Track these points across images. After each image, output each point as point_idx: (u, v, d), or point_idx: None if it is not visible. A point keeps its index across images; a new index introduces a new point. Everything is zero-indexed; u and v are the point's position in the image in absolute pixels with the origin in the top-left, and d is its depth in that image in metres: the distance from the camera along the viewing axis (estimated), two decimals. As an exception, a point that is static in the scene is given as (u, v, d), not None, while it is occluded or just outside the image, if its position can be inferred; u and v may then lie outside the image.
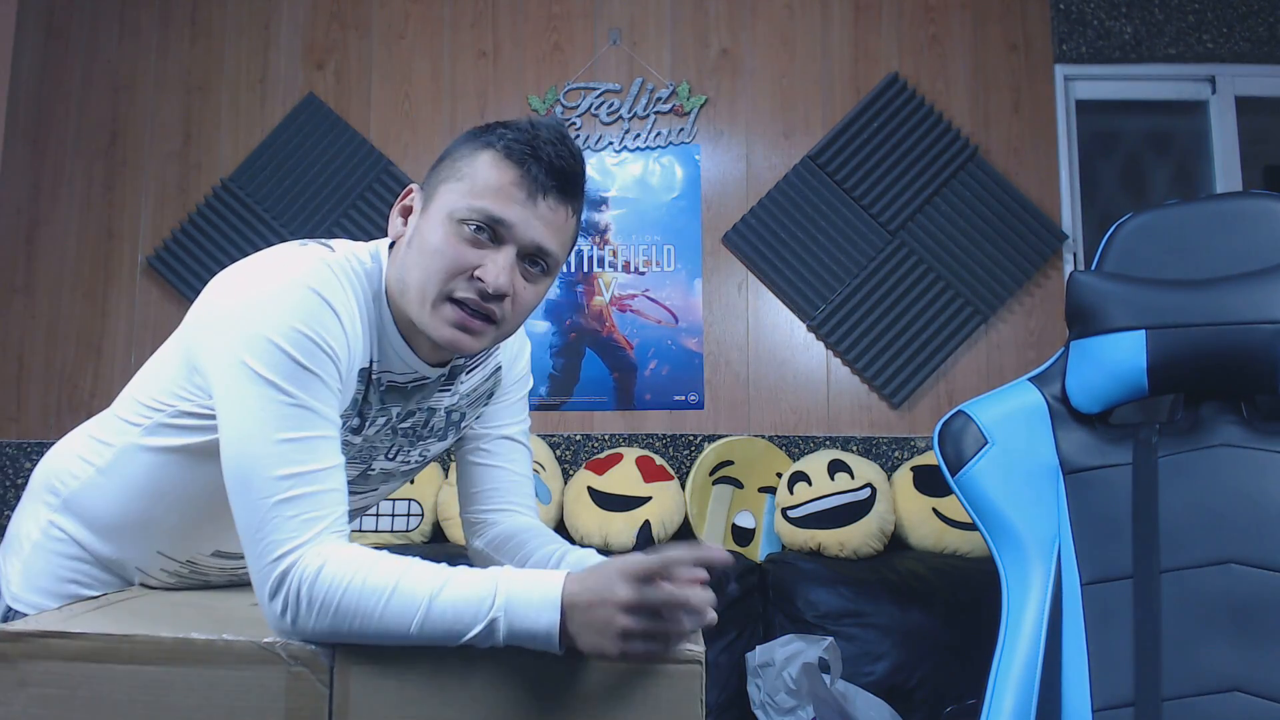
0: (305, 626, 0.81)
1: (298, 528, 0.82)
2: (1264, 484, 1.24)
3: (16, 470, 2.58)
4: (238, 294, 0.91)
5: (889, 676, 1.95)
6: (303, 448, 0.85)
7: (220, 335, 0.89)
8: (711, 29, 2.67)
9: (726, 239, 2.59)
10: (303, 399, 0.86)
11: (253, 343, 0.86)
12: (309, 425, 0.86)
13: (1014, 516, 1.35)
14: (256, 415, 0.85)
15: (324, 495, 0.85)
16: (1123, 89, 2.68)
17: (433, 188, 0.97)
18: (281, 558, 0.81)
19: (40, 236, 2.68)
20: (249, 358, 0.86)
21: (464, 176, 0.95)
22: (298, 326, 0.87)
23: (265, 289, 0.89)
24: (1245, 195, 1.44)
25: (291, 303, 0.88)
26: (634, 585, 0.79)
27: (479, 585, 0.80)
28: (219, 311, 0.92)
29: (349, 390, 0.95)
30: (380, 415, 1.03)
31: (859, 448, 2.50)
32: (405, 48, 2.70)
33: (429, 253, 0.93)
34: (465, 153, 0.97)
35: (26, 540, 1.07)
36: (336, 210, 2.63)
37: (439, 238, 0.93)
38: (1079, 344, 1.37)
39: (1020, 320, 2.56)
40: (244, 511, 0.84)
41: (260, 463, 0.84)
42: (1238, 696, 1.17)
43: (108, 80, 2.72)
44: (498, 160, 0.94)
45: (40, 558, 1.05)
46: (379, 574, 0.81)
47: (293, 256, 0.93)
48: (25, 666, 0.78)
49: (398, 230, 1.00)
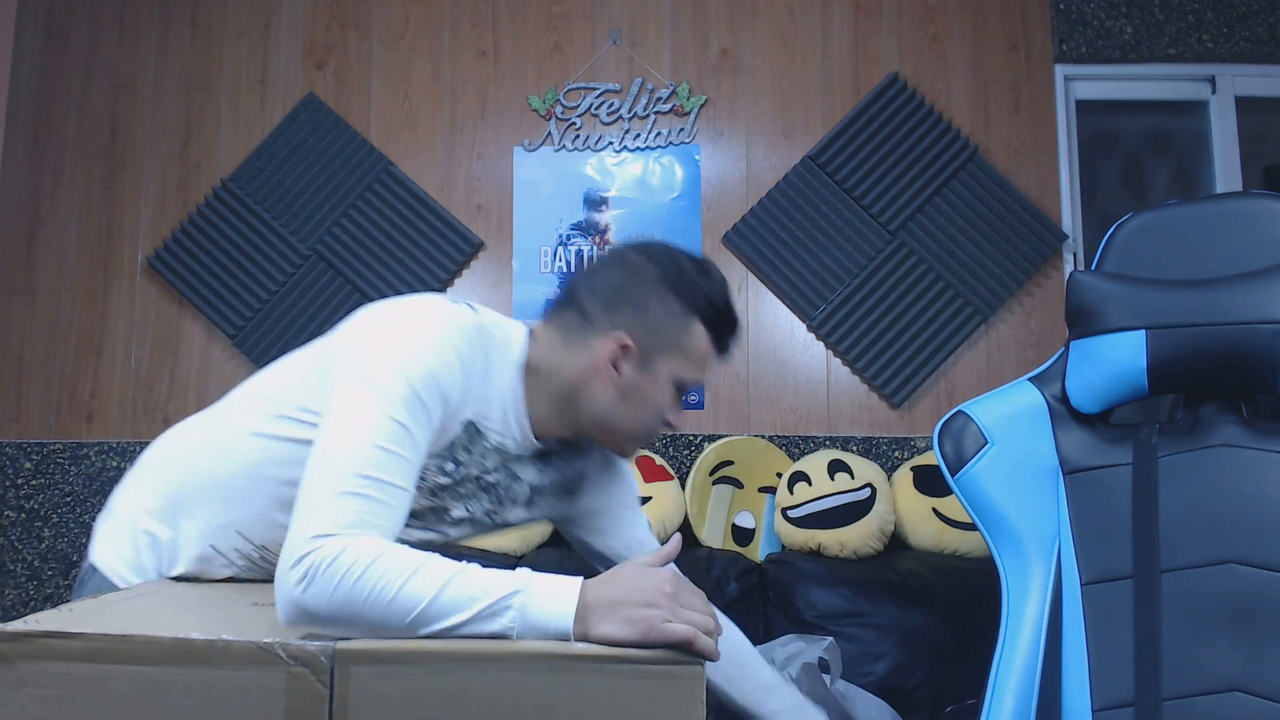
0: (318, 599, 0.82)
1: (349, 521, 0.87)
2: (1264, 484, 1.24)
3: (16, 470, 2.58)
4: (387, 327, 1.02)
5: (889, 676, 1.95)
6: (390, 461, 0.91)
7: (359, 354, 0.99)
8: (711, 29, 2.67)
9: (726, 239, 2.59)
10: (407, 423, 0.94)
11: (384, 368, 0.96)
12: (403, 446, 0.93)
13: (1014, 516, 1.35)
14: (363, 419, 0.93)
15: (385, 508, 0.90)
16: (1123, 89, 2.68)
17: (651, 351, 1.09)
18: (319, 536, 0.84)
19: (40, 236, 2.68)
20: (377, 377, 0.95)
21: (683, 348, 1.10)
22: (427, 367, 0.97)
23: (410, 329, 1.00)
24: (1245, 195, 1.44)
25: (427, 346, 0.99)
26: (661, 571, 0.85)
27: (503, 572, 0.85)
28: (367, 336, 1.02)
29: (447, 434, 1.04)
30: (472, 463, 1.11)
31: (859, 448, 2.50)
32: (405, 48, 2.70)
33: (651, 410, 1.11)
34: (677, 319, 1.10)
35: (123, 510, 1.18)
36: (337, 210, 2.63)
37: (664, 400, 1.11)
38: (1079, 344, 1.37)
39: (1020, 320, 2.56)
40: (311, 488, 0.90)
41: (348, 455, 0.90)
42: (1238, 696, 1.17)
43: (108, 80, 2.72)
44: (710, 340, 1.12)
45: (126, 526, 1.16)
46: (403, 556, 0.84)
47: (442, 308, 1.04)
48: (24, 667, 0.78)
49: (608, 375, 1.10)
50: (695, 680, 0.79)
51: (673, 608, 0.81)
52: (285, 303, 2.61)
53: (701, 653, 0.80)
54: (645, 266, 1.11)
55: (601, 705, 0.79)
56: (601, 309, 1.10)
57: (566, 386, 1.11)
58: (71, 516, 2.55)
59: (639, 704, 0.79)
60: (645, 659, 0.80)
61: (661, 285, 1.10)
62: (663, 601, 0.81)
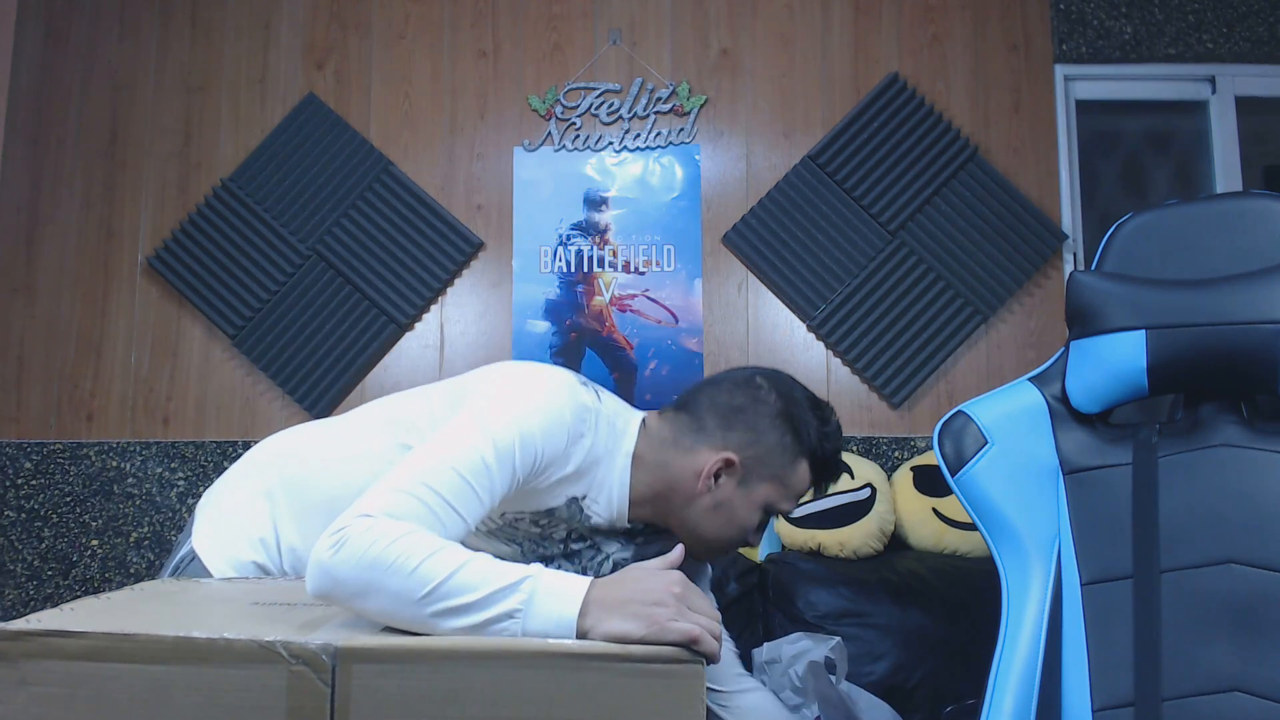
0: (345, 564, 0.85)
1: (397, 513, 0.90)
2: (1264, 484, 1.24)
3: (16, 470, 2.58)
4: (518, 381, 1.09)
5: (889, 676, 1.95)
6: (460, 487, 0.96)
7: (485, 397, 1.06)
8: (711, 29, 2.67)
9: (726, 239, 2.60)
10: (493, 467, 0.99)
11: (502, 414, 1.02)
12: (479, 482, 0.97)
13: (1014, 516, 1.35)
14: (456, 446, 0.98)
15: (437, 521, 0.93)
16: (1123, 89, 2.68)
17: (753, 473, 1.16)
18: (362, 516, 0.88)
19: (40, 236, 2.68)
20: (490, 420, 1.01)
21: (784, 480, 1.18)
22: (534, 431, 1.03)
23: (540, 396, 1.07)
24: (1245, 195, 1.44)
25: (544, 411, 1.05)
26: (670, 573, 0.87)
27: (516, 564, 0.87)
28: (498, 384, 1.09)
29: (544, 500, 1.11)
30: (564, 529, 1.18)
31: (859, 448, 2.50)
32: (405, 48, 2.70)
33: (737, 528, 1.18)
34: (788, 454, 1.17)
35: (231, 505, 1.21)
36: (337, 210, 2.63)
37: (752, 521, 1.18)
38: (1079, 344, 1.37)
39: (1020, 320, 2.56)
40: (383, 484, 0.93)
41: (424, 467, 0.95)
42: (1238, 696, 1.17)
43: (108, 80, 2.72)
44: (810, 479, 1.20)
45: (237, 523, 1.19)
46: (429, 536, 0.87)
47: (571, 385, 1.11)
48: (26, 665, 0.78)
49: (707, 485, 1.16)
50: (696, 679, 0.79)
51: (679, 607, 0.82)
52: (285, 303, 2.61)
53: (705, 652, 0.81)
54: (769, 396, 1.19)
55: (603, 703, 0.79)
56: (718, 423, 1.17)
57: (666, 482, 1.17)
58: (71, 516, 2.55)
59: (640, 702, 0.79)
60: (646, 657, 0.80)
61: (780, 419, 1.18)
62: (670, 601, 0.82)
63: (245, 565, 1.17)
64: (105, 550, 2.53)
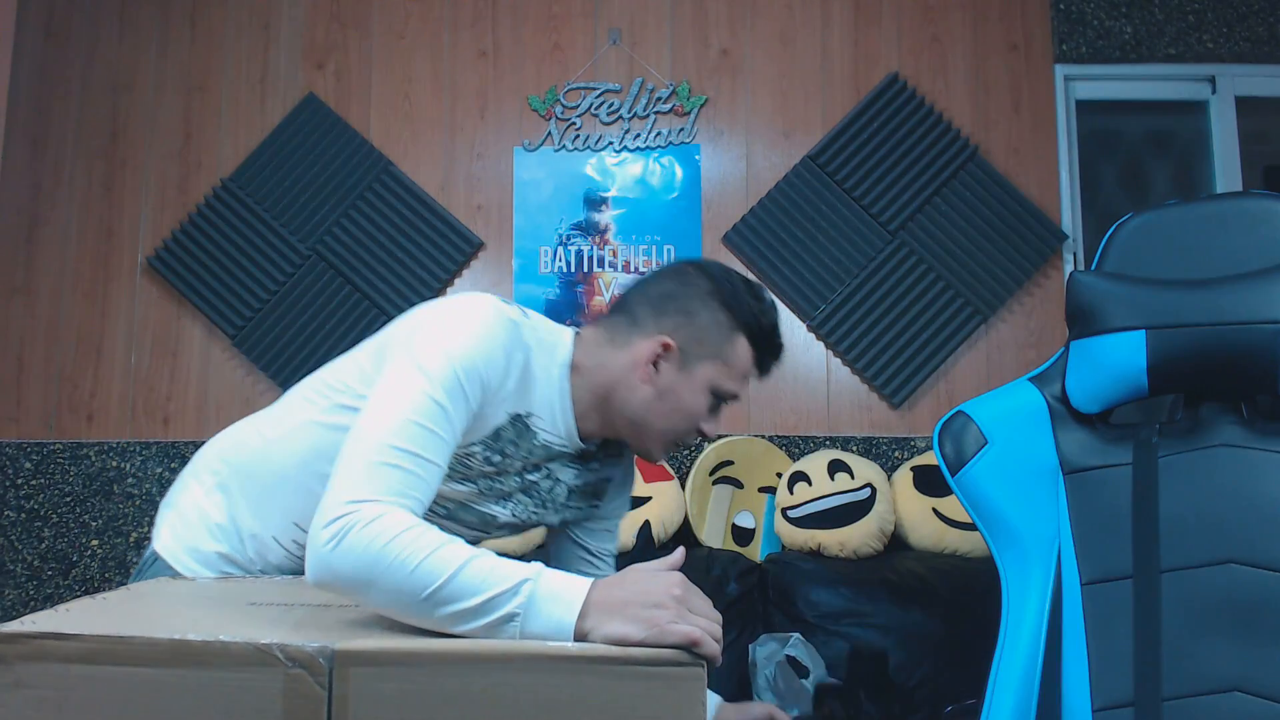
0: (345, 559, 0.85)
1: (383, 489, 0.90)
2: (1264, 484, 1.24)
3: (16, 470, 2.58)
4: (439, 318, 1.06)
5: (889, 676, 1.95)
6: (424, 436, 0.95)
7: (409, 342, 1.04)
8: (711, 29, 2.67)
9: (726, 239, 2.59)
10: (445, 404, 0.98)
11: (432, 353, 1.00)
12: (438, 424, 0.97)
13: (1014, 516, 1.35)
14: (403, 396, 0.97)
15: (417, 479, 0.93)
16: (1123, 89, 2.68)
17: (692, 355, 1.13)
18: (354, 502, 0.88)
19: (40, 236, 2.68)
20: (424, 361, 0.99)
21: (725, 360, 1.14)
22: (471, 354, 1.02)
23: (461, 322, 1.05)
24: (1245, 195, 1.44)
25: (474, 336, 1.03)
26: (670, 575, 0.86)
27: (517, 562, 0.86)
28: (420, 327, 1.06)
29: (490, 421, 1.08)
30: (518, 459, 1.15)
31: (859, 448, 2.49)
32: (405, 48, 2.70)
33: (684, 414, 1.15)
34: (724, 330, 1.14)
35: (187, 503, 1.22)
36: (337, 210, 2.63)
37: (698, 406, 1.15)
38: (1079, 344, 1.37)
39: (1020, 320, 2.56)
40: (349, 457, 0.93)
41: (384, 428, 0.94)
42: (1238, 696, 1.17)
43: (108, 80, 2.72)
44: (753, 355, 1.16)
45: (194, 518, 1.19)
46: (430, 533, 0.87)
47: (491, 305, 1.08)
48: (21, 668, 0.78)
49: (646, 374, 1.14)
50: (696, 681, 0.79)
51: (680, 610, 0.82)
52: (285, 303, 2.60)
53: (706, 655, 0.80)
54: (699, 279, 1.16)
55: (602, 706, 0.79)
56: (650, 313, 1.15)
57: (606, 383, 1.15)
58: (71, 516, 2.55)
59: (639, 705, 0.79)
60: (646, 660, 0.79)
61: (712, 298, 1.15)
62: (671, 603, 0.82)
63: (208, 555, 1.17)
64: (105, 550, 2.53)
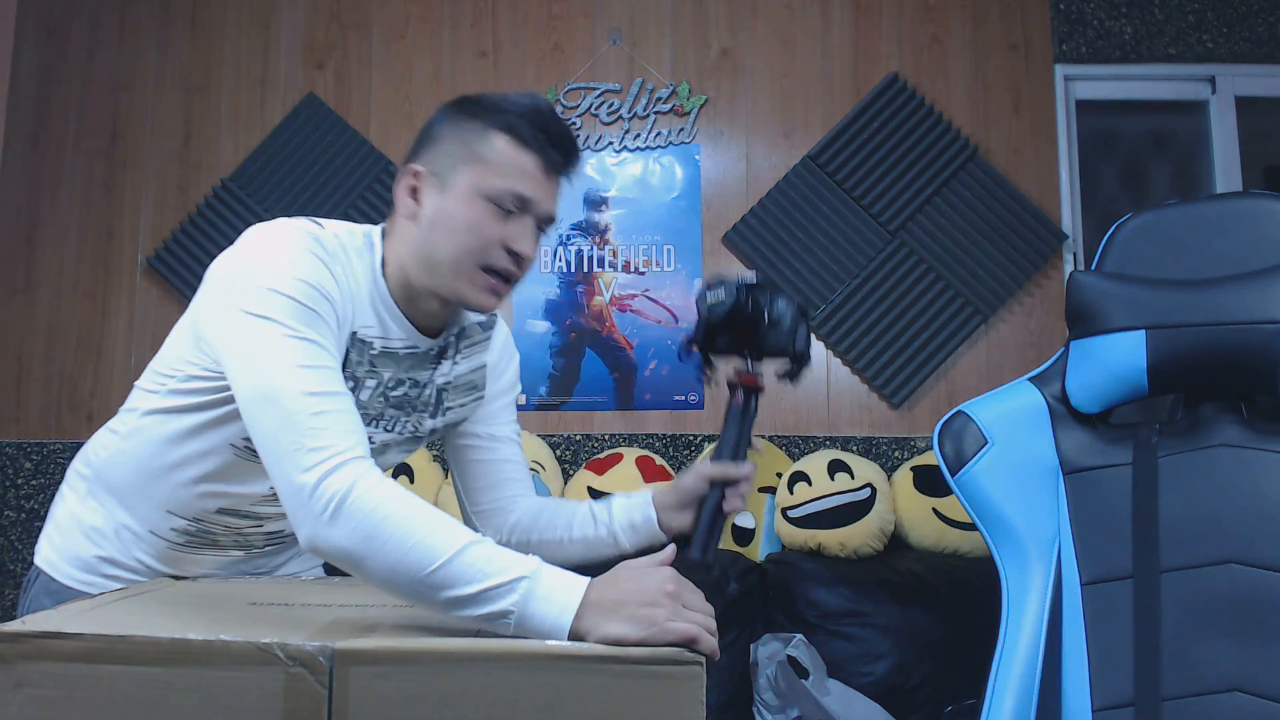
0: (342, 531, 0.84)
1: (336, 437, 0.87)
2: (1264, 484, 1.24)
3: (16, 470, 2.58)
4: (234, 260, 0.98)
5: (889, 676, 1.95)
6: (320, 374, 0.91)
7: (220, 296, 0.97)
8: (711, 29, 2.67)
9: (726, 239, 2.59)
10: (308, 334, 0.93)
11: (251, 293, 0.93)
12: (319, 357, 0.93)
13: (1014, 516, 1.35)
14: (270, 349, 0.91)
15: (349, 416, 0.91)
16: (1123, 89, 2.68)
17: (446, 170, 1.04)
18: (327, 460, 0.85)
19: (40, 236, 2.68)
20: (250, 306, 0.92)
21: (484, 159, 1.03)
22: (293, 274, 0.94)
23: (258, 251, 0.97)
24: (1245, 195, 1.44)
25: (286, 258, 0.96)
26: (662, 570, 0.85)
27: (515, 554, 0.85)
28: (218, 278, 0.98)
29: (340, 346, 1.01)
30: (370, 378, 1.09)
31: (859, 448, 2.49)
32: (405, 48, 2.70)
33: (463, 230, 1.02)
34: (473, 134, 1.04)
35: (62, 513, 1.18)
36: (336, 210, 2.62)
37: (473, 216, 1.02)
38: (1079, 344, 1.37)
39: (1020, 320, 2.56)
40: (274, 429, 0.88)
41: (285, 385, 0.89)
42: (1238, 696, 1.17)
43: (108, 80, 2.72)
44: (515, 144, 1.03)
45: (70, 526, 1.16)
46: (429, 509, 0.86)
47: (284, 225, 1.00)
48: (22, 667, 0.78)
49: (410, 210, 1.06)
50: (695, 680, 0.79)
51: (675, 607, 0.82)
52: (285, 303, 2.60)
53: (704, 651, 0.80)
54: (443, 108, 1.09)
55: (601, 705, 0.79)
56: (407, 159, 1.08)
57: (401, 255, 1.07)
58: (71, 517, 2.55)
59: (638, 704, 0.79)
60: (644, 659, 0.79)
61: (452, 110, 1.07)
62: (665, 601, 0.82)
63: (89, 561, 1.14)
64: (105, 550, 2.53)
